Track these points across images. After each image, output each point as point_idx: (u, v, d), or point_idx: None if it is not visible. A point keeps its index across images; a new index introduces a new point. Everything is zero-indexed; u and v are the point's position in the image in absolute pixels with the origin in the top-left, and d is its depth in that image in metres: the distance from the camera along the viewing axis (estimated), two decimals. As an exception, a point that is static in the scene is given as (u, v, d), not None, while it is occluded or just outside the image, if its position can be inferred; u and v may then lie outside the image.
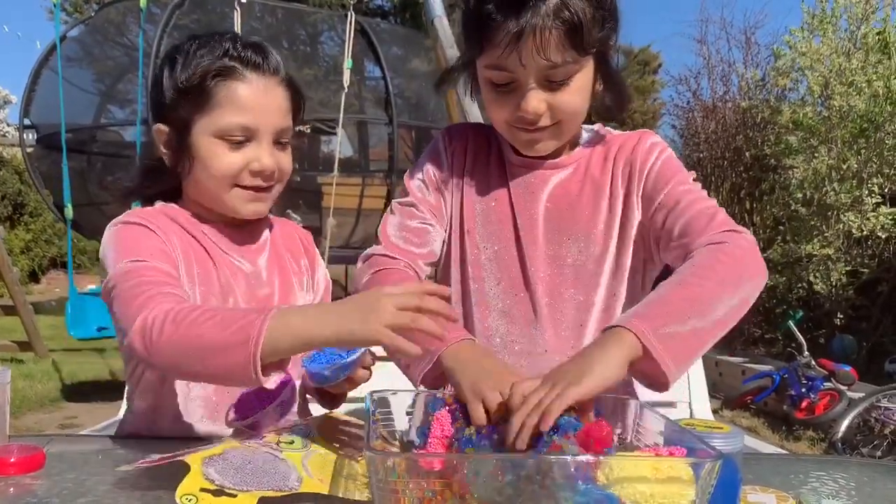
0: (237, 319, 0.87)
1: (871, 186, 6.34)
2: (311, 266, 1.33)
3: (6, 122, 19.55)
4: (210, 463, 0.83)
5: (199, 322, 0.89)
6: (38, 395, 5.32)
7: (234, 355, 0.85)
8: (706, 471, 0.69)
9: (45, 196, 7.61)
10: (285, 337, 0.85)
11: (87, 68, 8.12)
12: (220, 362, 0.87)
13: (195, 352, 0.88)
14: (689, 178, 1.14)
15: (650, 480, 0.69)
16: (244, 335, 0.85)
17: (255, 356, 0.84)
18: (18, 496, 0.87)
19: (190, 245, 1.16)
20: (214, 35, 1.16)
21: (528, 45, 0.97)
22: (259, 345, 0.84)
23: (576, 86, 1.04)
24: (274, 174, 1.16)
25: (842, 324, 6.85)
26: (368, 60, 8.11)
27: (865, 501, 0.99)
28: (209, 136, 1.12)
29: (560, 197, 1.15)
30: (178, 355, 0.90)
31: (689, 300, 0.92)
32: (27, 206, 13.41)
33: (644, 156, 1.14)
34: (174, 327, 0.89)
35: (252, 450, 0.89)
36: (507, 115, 1.08)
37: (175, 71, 1.13)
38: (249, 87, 1.11)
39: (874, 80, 6.30)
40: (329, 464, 0.93)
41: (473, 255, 1.17)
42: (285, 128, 1.16)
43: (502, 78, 1.04)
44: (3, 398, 1.03)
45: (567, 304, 1.13)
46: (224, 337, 0.87)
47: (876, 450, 4.14)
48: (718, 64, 9.11)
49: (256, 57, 1.13)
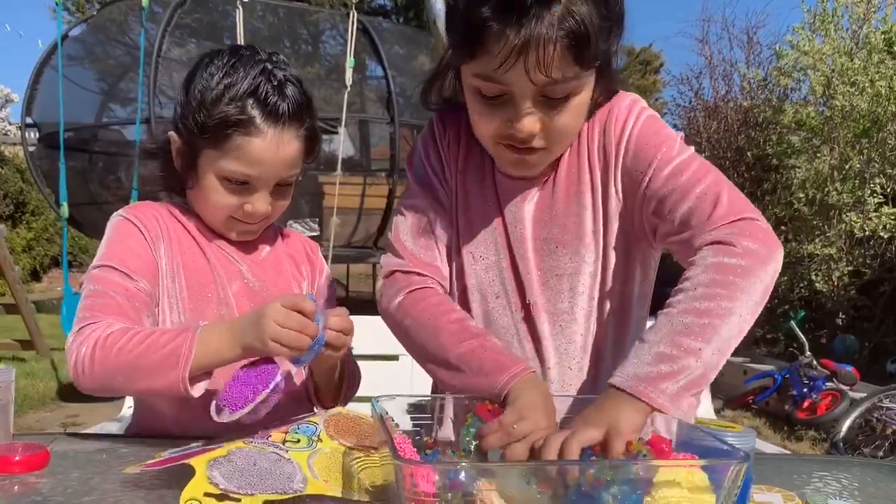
0: (165, 343, 0.99)
1: (873, 186, 6.33)
2: (312, 273, 1.33)
3: (8, 120, 19.55)
4: (215, 466, 0.83)
5: (127, 349, 1.00)
6: (40, 393, 5.33)
7: (165, 378, 0.98)
8: (733, 473, 0.68)
9: (47, 195, 7.61)
10: (206, 356, 1.00)
11: (89, 67, 8.13)
12: (150, 384, 1.00)
13: (124, 376, 1.01)
14: (677, 142, 0.99)
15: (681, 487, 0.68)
16: (174, 359, 0.98)
17: (185, 378, 0.98)
18: (23, 494, 0.87)
19: (184, 239, 1.19)
20: (251, 58, 1.13)
21: (529, 59, 0.85)
22: (187, 367, 0.98)
23: (574, 104, 0.94)
24: (266, 216, 1.19)
25: (844, 324, 6.85)
26: (370, 59, 8.11)
27: (868, 501, 0.98)
28: (212, 173, 1.14)
29: (544, 206, 1.07)
30: (107, 379, 1.02)
31: (705, 364, 0.84)
32: (29, 204, 13.40)
33: (619, 126, 1.01)
34: (103, 354, 1.01)
35: (258, 450, 0.89)
36: (494, 131, 0.96)
37: (200, 97, 1.11)
38: (263, 142, 1.11)
39: (877, 79, 6.28)
40: (336, 463, 0.92)
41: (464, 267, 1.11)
42: (289, 175, 1.18)
43: (493, 90, 0.92)
44: (7, 397, 1.04)
45: (563, 316, 1.07)
46: (154, 360, 0.99)
47: (878, 450, 4.13)
48: (720, 63, 9.12)
49: (282, 104, 1.11)
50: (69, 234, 6.29)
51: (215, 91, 1.10)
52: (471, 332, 0.99)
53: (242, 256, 1.23)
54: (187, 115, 1.13)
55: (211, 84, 1.11)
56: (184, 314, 1.16)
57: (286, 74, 1.14)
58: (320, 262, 1.36)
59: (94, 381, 1.03)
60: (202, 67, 1.14)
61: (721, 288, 0.86)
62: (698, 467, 0.69)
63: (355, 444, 0.98)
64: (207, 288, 1.18)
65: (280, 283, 1.26)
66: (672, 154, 0.98)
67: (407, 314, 1.04)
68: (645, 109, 1.03)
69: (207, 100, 1.11)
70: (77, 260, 13.56)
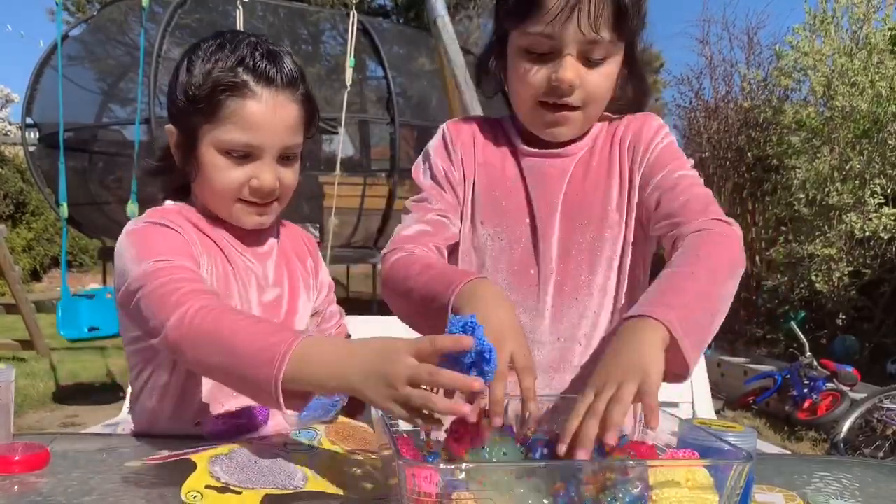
0: (273, 332, 0.86)
1: (873, 187, 6.32)
2: (315, 268, 1.34)
3: (8, 120, 19.57)
4: (216, 461, 0.83)
5: (237, 321, 0.88)
6: (40, 393, 5.32)
7: (259, 370, 0.82)
8: (736, 473, 0.68)
9: (47, 195, 7.62)
10: (303, 374, 0.82)
11: (89, 67, 8.14)
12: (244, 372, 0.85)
13: (225, 351, 0.86)
14: (689, 164, 1.16)
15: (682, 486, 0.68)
16: (270, 354, 0.82)
17: (278, 380, 0.81)
18: (23, 494, 0.87)
19: (208, 245, 1.15)
20: (235, 37, 1.13)
21: (582, 14, 1.01)
22: (282, 368, 0.81)
23: (607, 70, 1.08)
24: (274, 191, 1.14)
25: (844, 324, 6.84)
26: (371, 60, 8.12)
27: (870, 502, 0.98)
28: (213, 148, 1.11)
29: (577, 183, 1.16)
30: (208, 347, 0.88)
31: (700, 295, 0.93)
32: (29, 204, 13.41)
33: (650, 135, 1.17)
34: (214, 316, 0.89)
35: (259, 449, 0.89)
36: (536, 89, 1.08)
37: (190, 74, 1.10)
38: (259, 104, 1.09)
39: (877, 80, 6.28)
40: (336, 465, 0.92)
41: (486, 244, 1.16)
42: (292, 144, 1.14)
43: (543, 46, 1.06)
44: (7, 397, 1.03)
45: (581, 291, 1.13)
46: (253, 349, 0.84)
47: (878, 451, 4.13)
48: (721, 64, 9.08)
49: (272, 69, 1.09)
50: (69, 234, 6.29)
51: (205, 67, 1.09)
52: (431, 266, 1.04)
53: (255, 255, 1.22)
54: (178, 95, 1.11)
55: (197, 61, 1.10)
56: None
57: (274, 48, 1.12)
58: (319, 256, 1.36)
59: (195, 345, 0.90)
60: (189, 53, 1.13)
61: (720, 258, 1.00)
62: (701, 466, 0.69)
63: (355, 448, 0.98)
64: (230, 292, 1.15)
65: (291, 282, 1.25)
66: (682, 168, 1.14)
67: (388, 279, 1.09)
68: (670, 134, 1.20)
69: (197, 73, 1.09)
70: (77, 260, 13.57)
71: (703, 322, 0.91)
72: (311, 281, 1.31)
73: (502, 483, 0.68)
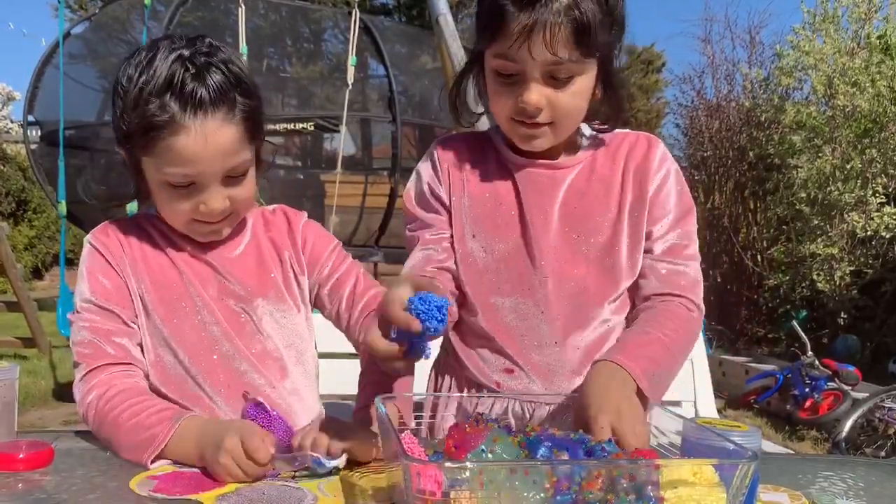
0: (149, 426, 1.02)
1: (875, 186, 6.31)
2: (295, 252, 1.26)
3: (10, 118, 19.52)
4: (224, 499, 0.84)
5: (119, 422, 1.04)
6: (42, 391, 5.33)
7: (136, 455, 1.01)
8: (741, 472, 0.68)
9: (49, 192, 7.61)
10: (174, 453, 1.00)
11: (91, 65, 8.13)
12: (125, 455, 1.03)
13: (108, 439, 1.07)
14: (692, 221, 1.20)
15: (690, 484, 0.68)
16: (146, 446, 1.00)
17: (147, 463, 0.99)
18: (27, 492, 0.88)
19: (157, 258, 1.18)
20: (157, 55, 1.06)
21: (537, 38, 1.02)
22: (153, 455, 0.99)
23: (576, 87, 1.08)
24: (225, 211, 1.13)
25: (845, 323, 6.83)
26: (372, 58, 8.11)
27: (874, 501, 0.98)
28: (155, 181, 1.11)
29: (573, 195, 1.18)
30: (98, 434, 1.09)
31: (667, 351, 1.07)
32: (31, 202, 13.41)
33: (656, 162, 1.20)
34: (99, 418, 1.07)
35: (267, 485, 0.90)
36: (509, 109, 1.11)
37: (123, 101, 1.07)
38: (188, 137, 1.04)
39: (878, 79, 6.27)
40: (346, 484, 0.92)
41: (480, 256, 1.18)
42: (236, 165, 1.11)
43: (508, 69, 1.07)
44: (11, 394, 1.04)
45: (578, 297, 1.16)
46: (131, 441, 1.02)
47: (880, 450, 4.13)
48: (722, 63, 9.07)
49: (201, 89, 1.04)
50: (70, 231, 6.29)
51: (134, 92, 1.05)
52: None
53: (216, 256, 1.20)
54: (117, 125, 1.10)
55: (129, 86, 1.06)
56: (164, 328, 1.14)
57: (208, 59, 1.07)
58: (304, 234, 1.27)
59: (92, 429, 1.11)
60: (121, 70, 1.09)
61: (687, 326, 1.14)
62: (709, 465, 0.69)
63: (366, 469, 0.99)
64: (182, 299, 1.15)
65: (261, 275, 1.22)
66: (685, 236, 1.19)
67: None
68: (673, 164, 1.23)
69: (129, 103, 1.06)
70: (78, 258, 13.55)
71: (662, 379, 1.05)
72: (292, 263, 1.25)
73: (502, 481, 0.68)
